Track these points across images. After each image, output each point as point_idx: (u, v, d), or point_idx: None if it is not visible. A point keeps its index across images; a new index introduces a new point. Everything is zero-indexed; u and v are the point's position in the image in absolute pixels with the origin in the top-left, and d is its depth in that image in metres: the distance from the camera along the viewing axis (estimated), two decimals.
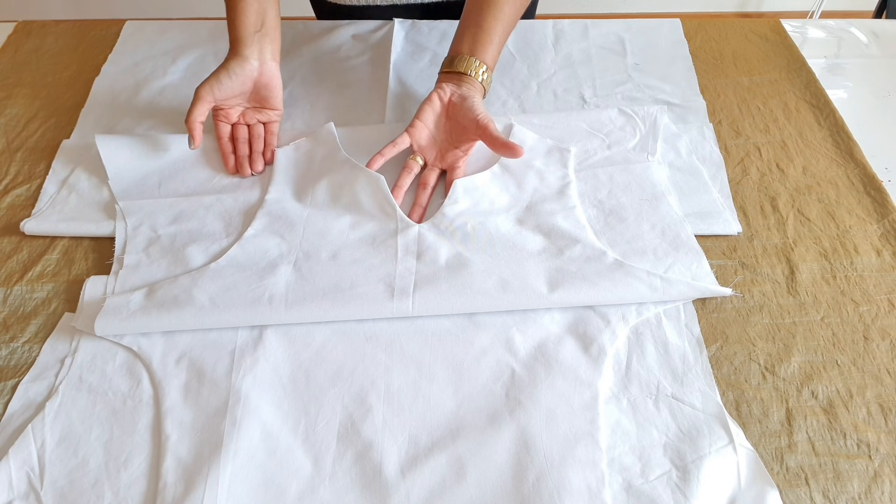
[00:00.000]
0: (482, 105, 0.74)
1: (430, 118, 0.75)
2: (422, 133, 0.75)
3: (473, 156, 0.75)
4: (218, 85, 0.74)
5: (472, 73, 0.75)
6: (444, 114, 0.76)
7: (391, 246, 0.66)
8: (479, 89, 0.76)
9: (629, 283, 0.61)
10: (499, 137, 0.70)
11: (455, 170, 0.73)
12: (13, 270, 0.67)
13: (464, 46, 0.76)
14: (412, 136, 0.74)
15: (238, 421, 0.54)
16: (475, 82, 0.75)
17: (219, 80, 0.74)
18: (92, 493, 0.51)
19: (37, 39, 0.96)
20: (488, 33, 0.76)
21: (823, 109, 0.83)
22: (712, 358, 0.59)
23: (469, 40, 0.76)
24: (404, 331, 0.60)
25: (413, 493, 0.50)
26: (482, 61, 0.75)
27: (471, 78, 0.75)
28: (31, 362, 0.59)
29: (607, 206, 0.70)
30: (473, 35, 0.76)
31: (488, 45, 0.76)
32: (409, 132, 0.74)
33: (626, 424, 0.54)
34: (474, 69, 0.75)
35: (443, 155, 0.75)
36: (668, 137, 0.78)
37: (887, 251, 0.67)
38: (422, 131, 0.75)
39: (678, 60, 0.91)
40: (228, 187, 0.73)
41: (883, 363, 0.59)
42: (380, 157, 0.72)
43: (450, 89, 0.75)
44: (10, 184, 0.75)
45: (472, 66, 0.75)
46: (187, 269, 0.65)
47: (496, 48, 0.77)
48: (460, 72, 0.75)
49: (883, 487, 0.51)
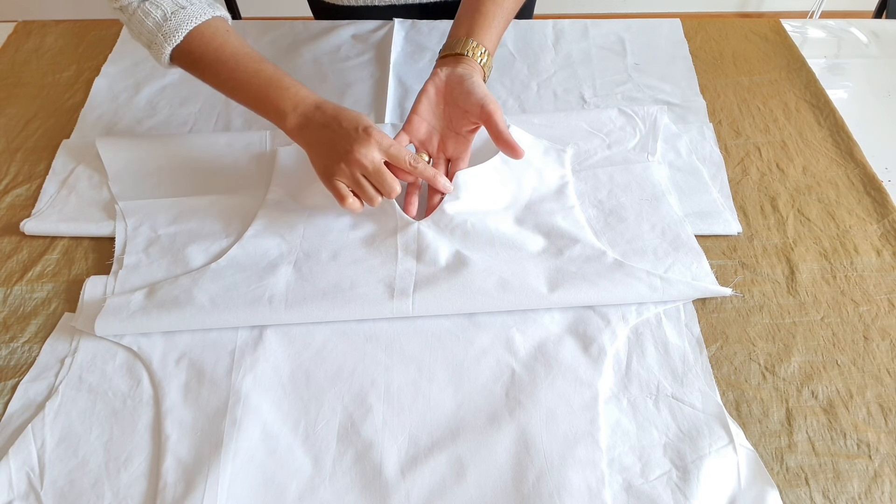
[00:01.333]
0: (484, 86, 0.69)
1: (426, 109, 0.71)
2: (419, 128, 0.71)
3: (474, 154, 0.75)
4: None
5: (471, 54, 0.71)
6: (440, 100, 0.71)
7: (391, 246, 0.66)
8: (478, 71, 0.71)
9: (629, 284, 0.61)
10: (504, 131, 0.66)
11: (458, 161, 0.71)
12: (13, 270, 0.67)
13: (461, 30, 0.73)
14: (410, 134, 0.71)
15: (238, 421, 0.54)
16: (474, 63, 0.71)
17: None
18: (92, 493, 0.51)
19: (37, 39, 0.96)
20: (487, 17, 0.73)
21: (823, 109, 0.83)
22: (712, 358, 0.59)
23: (467, 24, 0.73)
24: (404, 331, 0.60)
25: (413, 493, 0.50)
26: (480, 43, 0.72)
27: (469, 59, 0.71)
28: (31, 362, 0.59)
29: (607, 205, 0.70)
30: (471, 19, 0.73)
31: (487, 29, 0.73)
32: (406, 130, 0.70)
33: (626, 424, 0.54)
34: (472, 50, 0.71)
35: (445, 144, 0.72)
36: (668, 137, 0.78)
37: (887, 251, 0.67)
38: (419, 126, 0.71)
39: (678, 60, 0.91)
40: (228, 187, 0.73)
41: (883, 363, 0.59)
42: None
43: (445, 72, 0.70)
44: (10, 184, 0.76)
45: (470, 47, 0.71)
46: (187, 269, 0.64)
47: (496, 33, 0.74)
48: (458, 53, 0.71)
49: (883, 487, 0.51)
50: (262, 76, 0.68)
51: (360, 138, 0.63)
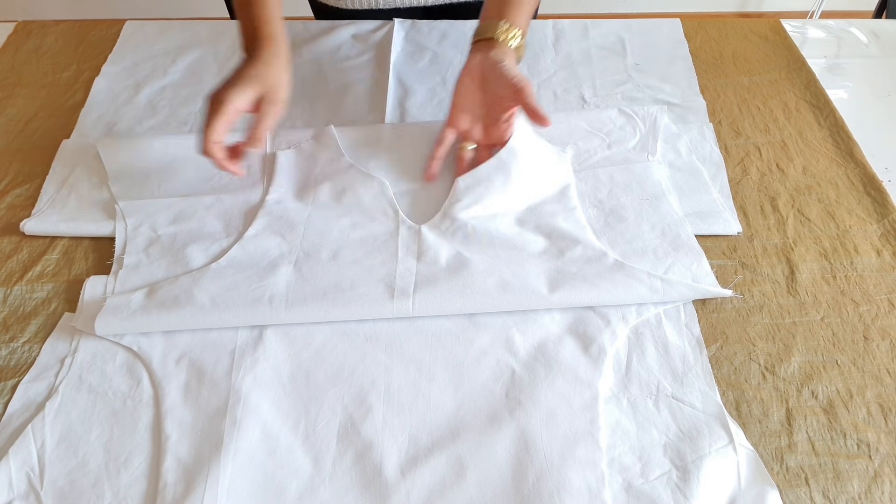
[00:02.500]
0: (516, 68, 0.70)
1: (464, 101, 0.72)
2: (461, 120, 0.73)
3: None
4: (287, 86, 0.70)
5: (502, 38, 0.71)
6: (477, 88, 0.72)
7: (392, 246, 0.66)
8: (510, 54, 0.71)
9: (630, 285, 0.61)
10: (533, 104, 0.67)
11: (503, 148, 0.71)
12: (13, 270, 0.67)
13: (492, 12, 0.73)
14: (455, 127, 0.72)
15: (238, 421, 0.54)
16: (506, 47, 0.71)
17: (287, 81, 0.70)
18: (92, 493, 0.51)
19: (37, 39, 0.96)
20: None
21: (823, 109, 0.83)
22: (712, 358, 0.59)
23: (496, 5, 0.73)
24: (404, 331, 0.60)
25: (413, 493, 0.50)
26: (512, 23, 0.71)
27: (501, 43, 0.71)
28: (31, 362, 0.59)
29: (607, 205, 0.70)
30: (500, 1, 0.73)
31: (518, 9, 0.72)
32: (450, 125, 0.72)
33: (626, 424, 0.54)
34: (503, 31, 0.71)
35: (488, 131, 0.73)
36: (668, 137, 0.78)
37: (887, 251, 0.67)
38: (460, 119, 0.73)
39: (678, 60, 0.91)
40: (229, 187, 0.73)
41: (883, 363, 0.59)
42: (435, 160, 0.71)
43: (478, 59, 0.71)
44: (10, 184, 0.75)
45: (502, 30, 0.71)
46: (187, 269, 0.65)
47: (527, 11, 0.73)
48: (489, 38, 0.71)
49: (883, 487, 0.51)
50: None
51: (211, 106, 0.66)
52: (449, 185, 0.71)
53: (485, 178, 0.70)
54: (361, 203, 0.69)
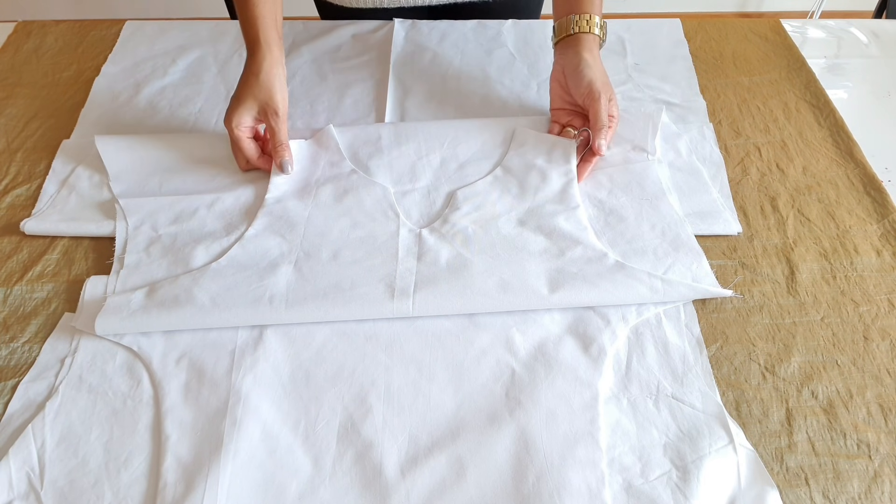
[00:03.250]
0: (593, 69, 0.72)
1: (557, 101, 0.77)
2: (560, 115, 0.77)
3: (476, 155, 0.75)
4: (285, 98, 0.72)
5: (577, 29, 0.72)
6: (564, 91, 0.76)
7: (392, 246, 0.66)
8: (588, 45, 0.73)
9: (630, 285, 0.61)
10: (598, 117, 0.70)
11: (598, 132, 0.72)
12: (13, 270, 0.67)
13: (564, 9, 0.75)
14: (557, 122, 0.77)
15: (238, 421, 0.54)
16: (582, 38, 0.72)
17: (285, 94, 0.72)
18: (92, 493, 0.51)
19: (37, 39, 0.96)
20: None
21: (823, 109, 0.83)
22: (712, 358, 0.59)
23: (564, 2, 0.75)
24: (404, 331, 0.60)
25: (413, 493, 0.50)
26: (583, 13, 0.72)
27: (576, 37, 0.72)
28: (31, 362, 0.59)
29: (607, 205, 0.70)
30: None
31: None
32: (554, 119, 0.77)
33: (626, 424, 0.54)
34: (575, 24, 0.72)
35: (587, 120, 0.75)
36: (668, 137, 0.78)
37: (887, 251, 0.67)
38: (559, 115, 0.77)
39: (678, 60, 0.91)
40: (229, 187, 0.73)
41: (883, 363, 0.59)
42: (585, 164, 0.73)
43: (560, 64, 0.75)
44: (10, 184, 0.75)
45: (573, 23, 0.72)
46: (188, 268, 0.65)
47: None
48: (567, 35, 0.73)
49: (883, 487, 0.51)
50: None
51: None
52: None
53: (482, 191, 0.71)
54: (362, 204, 0.70)
